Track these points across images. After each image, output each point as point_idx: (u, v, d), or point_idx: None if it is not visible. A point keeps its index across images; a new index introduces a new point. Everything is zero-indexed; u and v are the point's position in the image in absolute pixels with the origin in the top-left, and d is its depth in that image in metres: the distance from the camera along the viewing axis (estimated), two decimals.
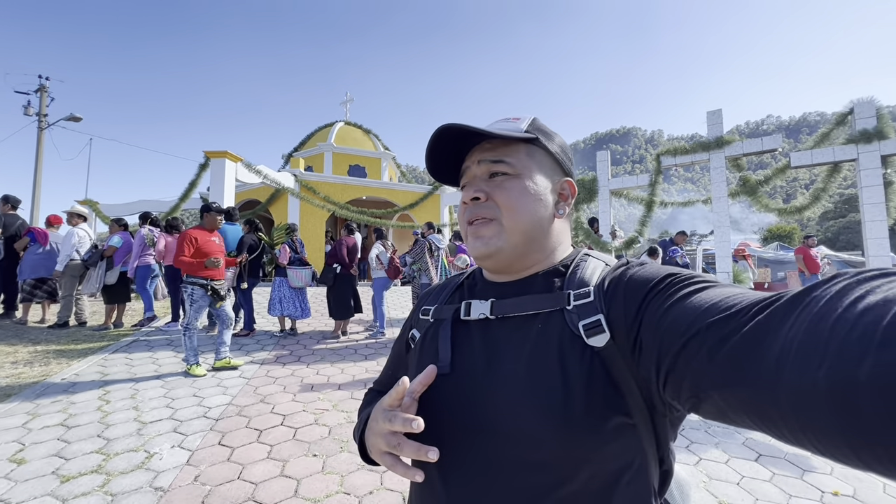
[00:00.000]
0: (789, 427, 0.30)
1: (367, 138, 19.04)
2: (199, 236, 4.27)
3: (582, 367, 0.51)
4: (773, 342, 0.32)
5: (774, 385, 0.31)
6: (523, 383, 0.53)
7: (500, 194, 0.60)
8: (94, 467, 2.47)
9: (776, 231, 34.64)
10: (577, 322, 0.53)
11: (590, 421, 0.49)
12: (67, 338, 5.37)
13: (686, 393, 0.40)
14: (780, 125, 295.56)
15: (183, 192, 10.55)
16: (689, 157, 6.87)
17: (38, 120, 15.23)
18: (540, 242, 0.62)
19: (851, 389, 0.26)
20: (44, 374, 4.01)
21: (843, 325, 0.28)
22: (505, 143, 0.62)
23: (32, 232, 6.12)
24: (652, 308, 0.47)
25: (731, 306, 0.38)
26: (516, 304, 0.59)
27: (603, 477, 0.50)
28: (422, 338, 0.69)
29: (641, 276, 0.52)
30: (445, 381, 0.59)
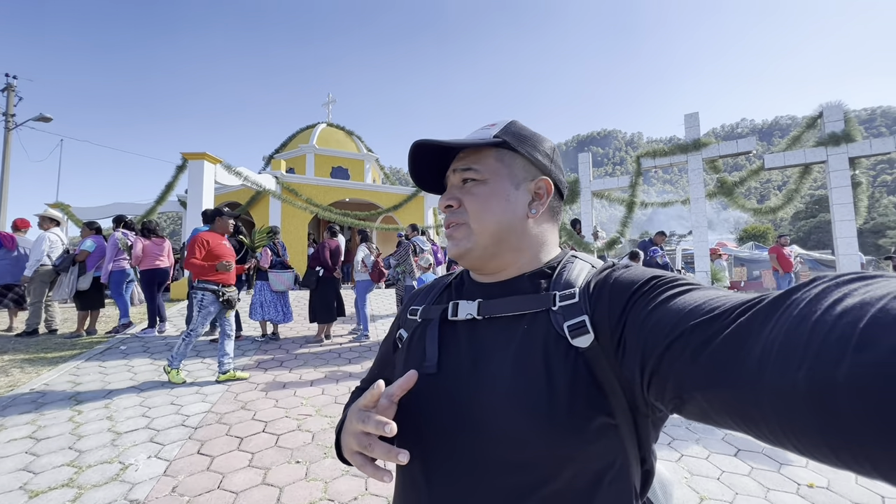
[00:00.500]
0: (770, 427, 0.31)
1: (349, 140, 18.88)
2: (211, 239, 4.15)
3: (566, 368, 0.51)
4: (755, 344, 0.32)
5: (756, 386, 0.31)
6: (508, 383, 0.53)
7: (467, 200, 0.63)
8: (65, 481, 2.38)
9: (751, 231, 35.70)
10: (562, 323, 0.54)
11: (573, 421, 0.49)
12: (37, 346, 5.16)
13: (670, 394, 0.41)
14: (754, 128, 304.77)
15: (159, 194, 10.29)
16: (668, 158, 7.03)
17: (6, 120, 14.66)
18: (511, 243, 0.63)
19: (830, 390, 0.26)
20: (11, 385, 3.84)
21: (822, 328, 0.28)
22: (476, 151, 0.64)
23: (0, 236, 5.87)
24: (636, 310, 0.48)
25: (713, 308, 0.39)
26: (503, 305, 0.60)
27: (585, 476, 0.51)
28: (409, 338, 0.70)
29: (626, 278, 0.53)
30: (432, 380, 0.60)
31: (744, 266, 12.29)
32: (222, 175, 10.20)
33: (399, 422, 0.61)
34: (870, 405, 0.24)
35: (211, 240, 4.15)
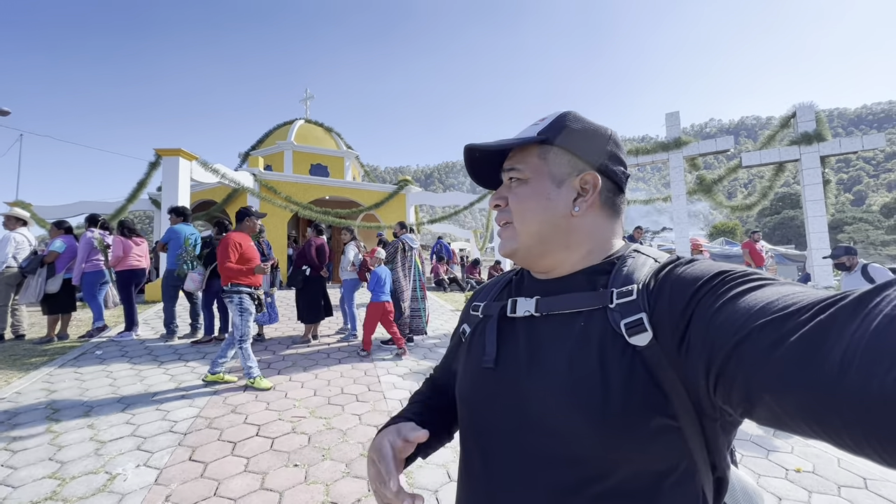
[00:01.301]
0: (851, 435, 0.29)
1: (328, 137, 18.56)
2: (242, 241, 4.01)
3: (622, 366, 0.50)
4: (836, 344, 0.30)
5: (836, 389, 0.29)
6: (563, 380, 0.54)
7: (511, 200, 0.65)
8: (49, 494, 2.25)
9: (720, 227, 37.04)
10: (619, 320, 0.52)
11: (627, 420, 0.48)
12: (4, 353, 4.87)
13: (737, 396, 0.39)
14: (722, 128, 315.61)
15: (131, 192, 9.86)
16: (650, 156, 7.19)
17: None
18: (558, 241, 0.62)
19: None
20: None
21: None
22: (522, 150, 0.65)
23: None
24: (702, 307, 0.45)
25: (788, 305, 0.37)
26: (560, 302, 0.60)
27: (643, 477, 0.50)
28: (471, 333, 0.72)
29: (690, 273, 0.50)
30: (490, 375, 0.62)
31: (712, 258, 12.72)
32: (198, 172, 9.87)
33: (462, 415, 0.69)
34: None
35: (242, 242, 4.01)
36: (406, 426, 0.64)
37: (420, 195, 16.01)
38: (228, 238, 3.99)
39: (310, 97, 20.24)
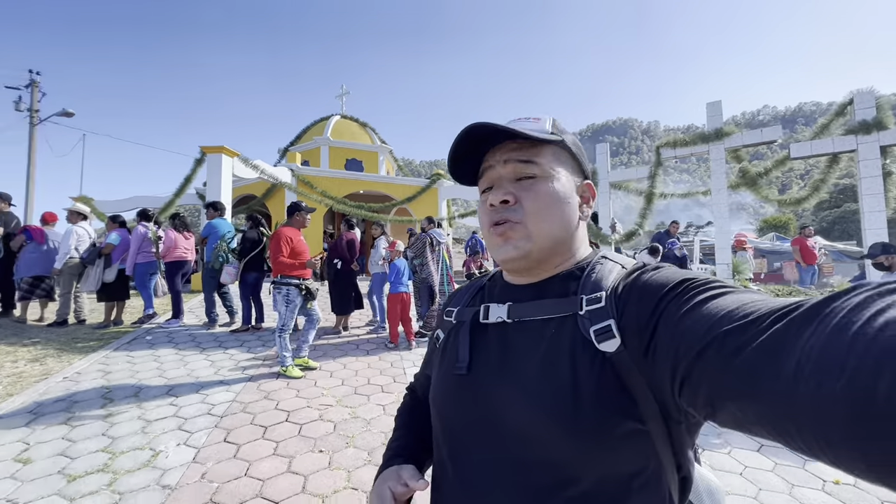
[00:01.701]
0: (804, 439, 0.30)
1: (363, 132, 18.89)
2: (293, 236, 4.17)
3: (592, 372, 0.51)
4: (791, 353, 0.31)
5: (791, 397, 0.30)
6: (534, 387, 0.54)
7: (529, 198, 0.60)
8: (101, 466, 2.47)
9: (772, 221, 34.73)
10: (589, 327, 0.53)
11: (599, 426, 0.49)
12: (67, 336, 5.34)
13: (702, 401, 0.40)
14: (777, 115, 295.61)
15: (178, 187, 10.46)
16: (689, 149, 6.86)
17: (30, 116, 15.04)
18: (566, 245, 0.62)
19: (870, 404, 0.25)
20: (45, 373, 3.99)
21: (863, 338, 0.27)
22: (532, 144, 0.61)
23: (28, 230, 6.06)
24: (667, 314, 0.46)
25: (748, 314, 0.38)
26: (532, 309, 0.60)
27: (614, 480, 0.51)
28: (445, 339, 0.72)
29: (656, 280, 0.52)
30: (463, 381, 0.62)
31: (764, 258, 12.00)
32: (239, 168, 10.32)
33: (435, 421, 0.68)
34: None
35: (293, 236, 4.16)
36: (406, 471, 0.65)
37: (453, 189, 16.04)
38: (280, 233, 4.15)
39: (345, 93, 20.63)
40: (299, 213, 4.37)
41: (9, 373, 3.99)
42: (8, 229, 6.13)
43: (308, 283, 4.20)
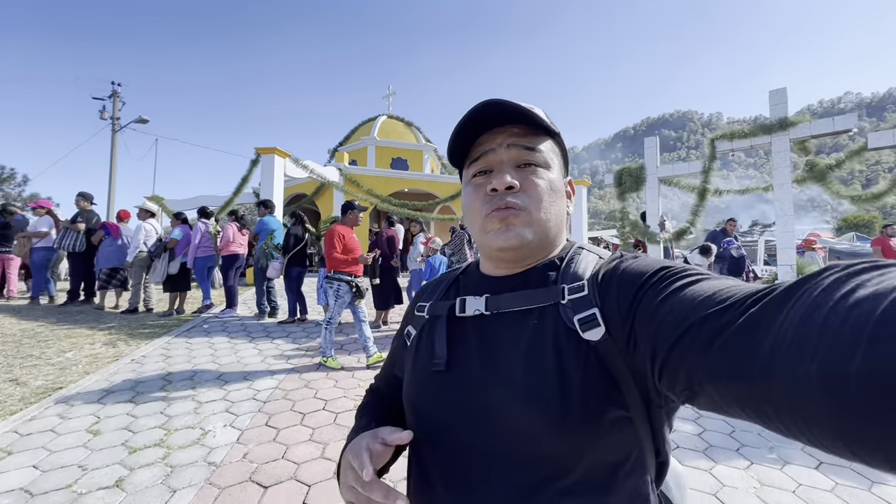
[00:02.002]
0: (781, 419, 0.31)
1: (409, 131, 19.22)
2: (345, 233, 4.33)
3: (578, 362, 0.50)
4: (766, 335, 0.32)
5: (767, 378, 0.31)
6: (519, 379, 0.53)
7: (531, 185, 0.59)
8: (157, 441, 2.70)
9: (853, 220, 31.42)
10: (572, 316, 0.53)
11: (587, 416, 0.49)
12: (136, 322, 5.87)
13: (680, 385, 0.40)
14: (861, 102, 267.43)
15: (236, 187, 11.15)
16: (748, 140, 6.37)
17: (112, 123, 16.62)
18: (556, 238, 0.62)
19: (843, 383, 0.26)
20: (116, 356, 4.42)
21: (835, 319, 0.28)
22: (534, 133, 0.61)
23: (106, 226, 6.73)
24: (646, 301, 0.47)
25: (724, 299, 0.38)
26: (511, 300, 0.59)
27: (602, 470, 0.51)
28: (417, 335, 0.69)
29: (635, 268, 0.52)
30: (442, 378, 0.60)
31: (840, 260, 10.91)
32: (291, 168, 10.84)
33: (411, 421, 0.64)
34: (883, 398, 0.24)
35: (346, 234, 4.31)
36: (384, 430, 0.59)
37: None
38: (334, 230, 4.32)
39: (392, 93, 21.06)
40: (352, 211, 4.47)
41: (87, 353, 4.45)
42: (90, 225, 6.84)
43: (359, 281, 4.33)
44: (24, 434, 2.77)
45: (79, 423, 2.93)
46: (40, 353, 4.40)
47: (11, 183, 18.62)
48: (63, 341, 4.83)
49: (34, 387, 3.56)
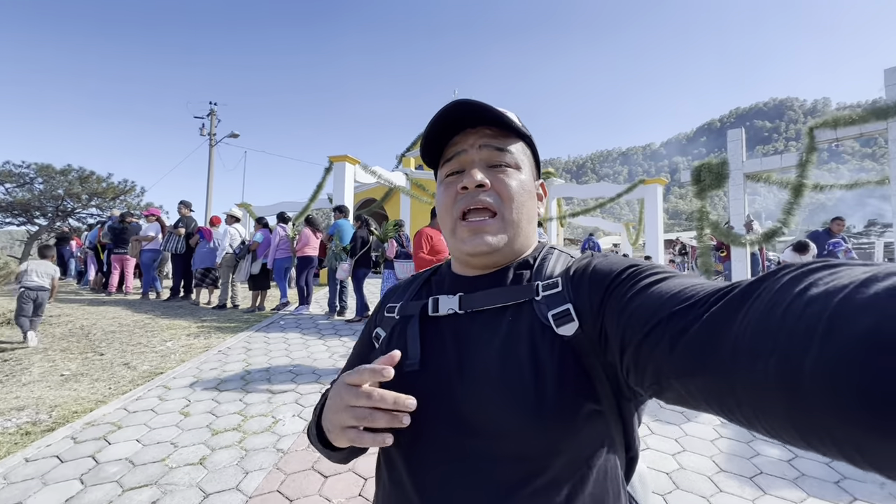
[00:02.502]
0: (743, 412, 0.32)
1: None
2: (434, 235, 4.50)
3: (553, 357, 0.51)
4: (728, 332, 0.33)
5: (730, 374, 0.32)
6: (495, 376, 0.53)
7: (502, 186, 0.60)
8: (235, 425, 2.97)
9: None
10: (546, 312, 0.54)
11: (563, 411, 0.50)
12: (224, 317, 6.51)
13: (648, 381, 0.42)
14: None
15: (312, 193, 11.94)
16: (857, 127, 5.52)
17: (209, 138, 18.60)
18: (528, 238, 0.63)
19: (798, 377, 0.27)
20: (206, 346, 4.93)
21: (790, 317, 0.29)
22: (505, 134, 0.62)
23: (201, 231, 7.55)
24: (614, 298, 0.48)
25: (689, 297, 0.40)
26: (485, 298, 0.59)
27: (576, 464, 0.51)
28: (388, 336, 0.68)
29: (604, 266, 0.54)
30: (415, 378, 0.57)
31: None
32: (360, 174, 11.38)
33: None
34: (835, 392, 0.25)
35: (433, 235, 4.46)
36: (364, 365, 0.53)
37: (562, 188, 15.46)
38: (423, 232, 4.47)
39: (457, 97, 21.28)
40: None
41: (183, 343, 5.01)
42: (188, 230, 7.71)
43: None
44: (131, 411, 3.19)
45: (173, 406, 3.31)
46: (147, 342, 5.04)
47: (132, 194, 21.53)
48: (165, 332, 5.49)
49: (141, 371, 4.08)
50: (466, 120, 0.61)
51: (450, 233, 0.63)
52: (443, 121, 0.61)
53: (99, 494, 2.17)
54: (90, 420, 3.02)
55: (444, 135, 0.63)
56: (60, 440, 2.73)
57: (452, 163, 0.63)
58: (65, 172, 19.36)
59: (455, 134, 0.63)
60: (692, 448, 2.70)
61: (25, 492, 2.18)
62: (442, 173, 0.65)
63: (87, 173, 19.85)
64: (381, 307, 0.75)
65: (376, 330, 0.72)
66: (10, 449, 2.62)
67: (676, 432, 2.91)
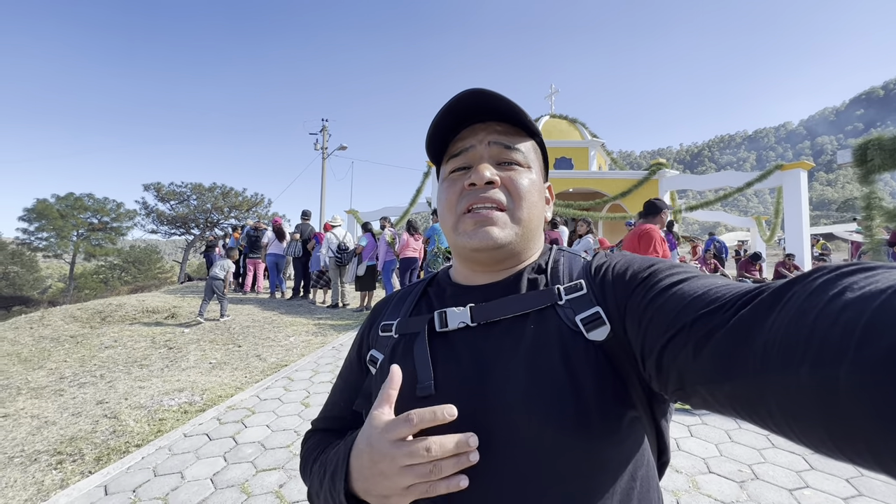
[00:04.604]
0: (774, 420, 0.31)
1: (573, 128, 18.39)
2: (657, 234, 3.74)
3: (589, 365, 0.47)
4: (757, 338, 0.32)
5: (759, 381, 0.31)
6: (525, 390, 0.47)
7: (513, 184, 0.55)
8: None
9: None
10: (574, 317, 0.50)
11: (607, 421, 0.45)
12: (337, 316, 7.05)
13: (672, 386, 0.40)
14: None
15: (411, 198, 12.47)
16: None
17: (322, 151, 20.51)
18: (536, 241, 0.60)
19: (833, 387, 0.26)
20: (322, 342, 5.36)
21: (824, 323, 0.28)
22: (515, 131, 0.58)
23: (316, 236, 8.30)
24: (634, 300, 0.46)
25: (714, 300, 0.38)
26: (500, 307, 0.54)
27: (621, 477, 0.47)
28: (388, 358, 0.58)
29: (625, 266, 0.51)
30: (430, 405, 0.46)
31: None
32: None
33: None
34: (872, 401, 0.24)
35: (657, 235, 3.76)
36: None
37: (677, 179, 13.97)
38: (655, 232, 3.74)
39: (554, 92, 20.54)
40: (663, 212, 3.79)
41: (303, 339, 5.53)
42: (304, 236, 8.53)
43: None
44: (262, 399, 3.57)
45: (296, 396, 3.63)
46: (274, 336, 5.65)
47: (262, 205, 24.71)
48: (288, 328, 6.11)
49: (270, 363, 4.58)
50: (475, 112, 0.56)
51: (451, 229, 0.57)
52: (453, 111, 0.56)
53: (238, 472, 2.44)
54: (231, 404, 3.44)
55: (449, 127, 0.58)
56: (209, 420, 3.15)
57: (459, 158, 0.58)
58: (212, 189, 22.99)
59: (462, 127, 0.58)
60: (872, 493, 2.16)
61: (184, 463, 2.54)
62: (446, 169, 0.60)
63: (228, 189, 23.34)
64: (370, 326, 0.66)
65: (370, 353, 0.63)
66: (174, 424, 3.09)
67: (848, 470, 2.37)
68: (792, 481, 2.29)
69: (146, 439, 2.86)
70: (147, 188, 22.83)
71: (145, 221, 23.55)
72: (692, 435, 2.85)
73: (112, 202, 23.52)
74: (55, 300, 19.02)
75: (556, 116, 18.90)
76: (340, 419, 0.65)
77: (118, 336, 5.67)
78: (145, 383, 3.95)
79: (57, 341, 5.50)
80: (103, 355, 4.88)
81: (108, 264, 25.37)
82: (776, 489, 2.22)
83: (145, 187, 22.89)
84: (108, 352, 5.02)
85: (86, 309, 7.13)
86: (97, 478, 2.39)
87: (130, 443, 2.80)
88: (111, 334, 5.76)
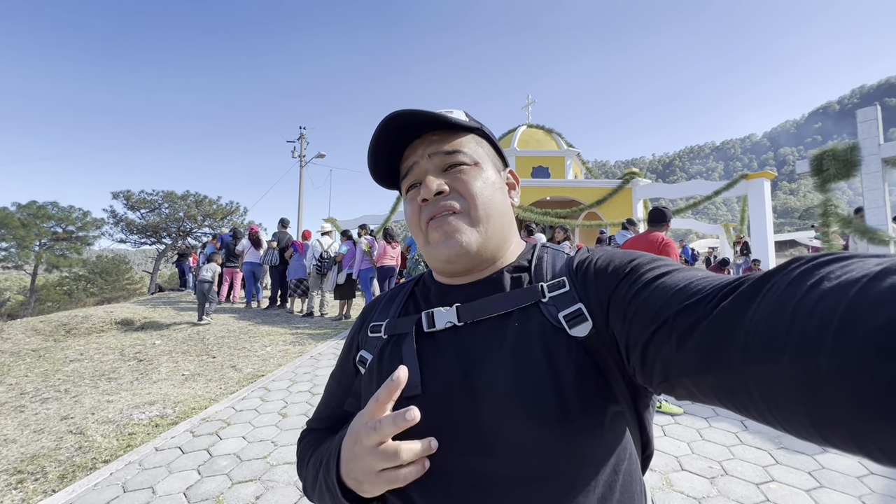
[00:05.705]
0: (757, 408, 0.32)
1: (549, 138, 18.78)
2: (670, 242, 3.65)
3: (571, 361, 0.48)
4: (739, 329, 0.33)
5: (741, 371, 0.32)
6: (509, 387, 0.48)
7: (463, 185, 0.57)
8: None
9: None
10: (557, 313, 0.51)
11: (589, 415, 0.47)
12: (315, 325, 6.94)
13: (657, 378, 0.41)
14: None
15: (392, 206, 12.46)
16: None
17: (300, 160, 20.28)
18: (506, 233, 0.60)
19: (813, 375, 0.27)
20: (300, 352, 5.28)
21: (802, 312, 0.29)
22: (452, 134, 0.59)
23: (294, 244, 8.18)
24: (617, 295, 0.47)
25: (696, 292, 0.39)
26: (485, 306, 0.55)
27: (604, 472, 0.48)
28: (376, 359, 0.60)
29: (607, 261, 0.52)
30: (417, 404, 0.48)
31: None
32: None
33: None
34: (851, 388, 0.25)
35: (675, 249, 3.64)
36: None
37: (649, 188, 14.42)
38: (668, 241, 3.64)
39: (531, 102, 20.96)
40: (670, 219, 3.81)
41: (280, 349, 5.42)
42: (281, 245, 8.40)
43: None
44: (238, 410, 3.49)
45: (273, 406, 3.56)
46: (251, 346, 5.53)
47: (237, 214, 24.18)
48: (265, 338, 5.99)
49: (246, 373, 4.48)
50: (408, 130, 0.58)
51: (423, 245, 0.59)
52: (382, 141, 0.58)
53: (212, 485, 2.37)
54: (205, 416, 3.35)
55: (393, 153, 0.61)
56: (182, 433, 3.06)
57: (409, 177, 0.60)
58: (184, 197, 22.36)
59: (403, 149, 0.61)
60: (832, 484, 2.27)
61: (155, 478, 2.46)
62: (404, 190, 0.62)
63: (201, 197, 22.73)
64: (360, 327, 0.68)
65: (360, 354, 0.64)
66: (145, 438, 2.98)
67: (810, 464, 2.48)
68: (759, 476, 2.38)
69: (115, 455, 2.75)
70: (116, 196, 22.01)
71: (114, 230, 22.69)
72: (665, 434, 2.94)
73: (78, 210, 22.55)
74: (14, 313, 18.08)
75: (534, 126, 19.26)
76: (334, 418, 0.68)
77: (84, 349, 5.44)
78: (114, 397, 3.80)
79: (17, 355, 5.24)
80: (68, 369, 4.68)
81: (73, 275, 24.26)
82: (744, 483, 2.31)
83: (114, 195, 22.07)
84: (74, 365, 4.82)
85: (49, 321, 6.82)
86: (61, 496, 2.29)
87: (98, 459, 2.69)
88: (77, 347, 5.53)
